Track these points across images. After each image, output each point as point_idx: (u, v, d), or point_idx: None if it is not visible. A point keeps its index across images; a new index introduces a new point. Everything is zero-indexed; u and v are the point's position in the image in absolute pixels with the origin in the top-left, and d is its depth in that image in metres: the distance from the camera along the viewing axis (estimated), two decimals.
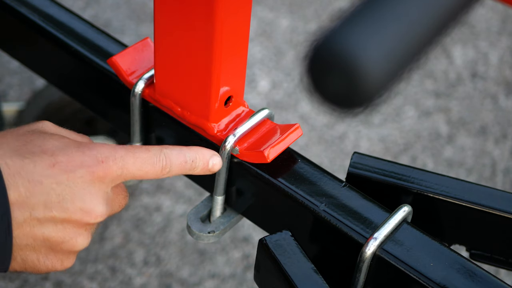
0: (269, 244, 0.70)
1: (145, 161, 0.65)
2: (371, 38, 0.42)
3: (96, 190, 0.62)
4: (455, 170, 1.75)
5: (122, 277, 1.47)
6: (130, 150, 0.65)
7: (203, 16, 0.66)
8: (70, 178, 0.61)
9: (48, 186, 0.60)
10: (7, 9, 0.89)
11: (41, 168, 0.60)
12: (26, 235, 0.60)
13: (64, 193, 0.61)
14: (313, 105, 1.83)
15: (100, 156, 0.62)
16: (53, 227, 0.61)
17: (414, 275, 0.65)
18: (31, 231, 0.60)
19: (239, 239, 1.55)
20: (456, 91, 1.94)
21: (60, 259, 0.64)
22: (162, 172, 0.66)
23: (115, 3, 2.08)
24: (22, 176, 0.59)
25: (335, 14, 1.78)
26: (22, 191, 0.59)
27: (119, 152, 0.64)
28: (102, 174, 0.62)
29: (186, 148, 0.70)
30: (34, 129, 0.64)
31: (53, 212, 0.60)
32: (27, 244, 0.61)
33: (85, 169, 0.61)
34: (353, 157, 0.77)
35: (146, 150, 0.66)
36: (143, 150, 0.66)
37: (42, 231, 0.61)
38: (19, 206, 0.59)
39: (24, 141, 0.61)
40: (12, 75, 1.86)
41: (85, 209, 0.62)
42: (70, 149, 0.62)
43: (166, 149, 0.67)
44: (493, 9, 2.17)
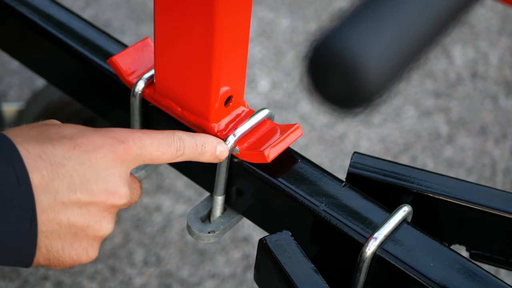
0: (269, 244, 0.70)
1: (161, 141, 0.65)
2: (371, 38, 0.42)
3: (118, 171, 0.62)
4: (455, 170, 1.75)
5: (122, 277, 1.47)
6: (146, 132, 0.65)
7: (203, 16, 0.66)
8: (92, 158, 0.60)
9: (71, 168, 0.59)
10: (7, 9, 0.89)
11: (62, 151, 0.59)
12: (51, 221, 0.59)
13: (87, 175, 0.60)
14: (313, 105, 1.83)
15: (119, 136, 0.62)
16: (78, 211, 0.60)
17: (414, 275, 0.65)
18: (56, 216, 0.59)
19: (239, 239, 1.55)
20: (456, 91, 1.94)
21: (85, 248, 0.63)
22: (176, 154, 0.67)
23: (115, 3, 2.08)
24: (44, 160, 0.58)
25: (335, 14, 1.78)
26: (45, 174, 0.58)
27: (137, 133, 0.64)
28: (123, 154, 0.62)
29: (195, 133, 0.71)
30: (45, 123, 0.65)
31: (77, 195, 0.59)
32: (53, 231, 0.59)
33: (107, 148, 0.61)
34: (353, 157, 0.77)
35: (160, 132, 0.67)
36: (158, 132, 0.66)
37: (67, 216, 0.59)
38: (43, 189, 0.58)
39: (39, 131, 0.61)
40: (12, 75, 1.86)
41: (109, 190, 0.61)
42: (89, 132, 0.62)
43: (178, 132, 0.68)
44: (493, 9, 2.17)
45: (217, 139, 0.72)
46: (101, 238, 0.64)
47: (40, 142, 0.59)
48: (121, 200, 0.62)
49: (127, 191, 0.63)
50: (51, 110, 1.47)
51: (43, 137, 0.60)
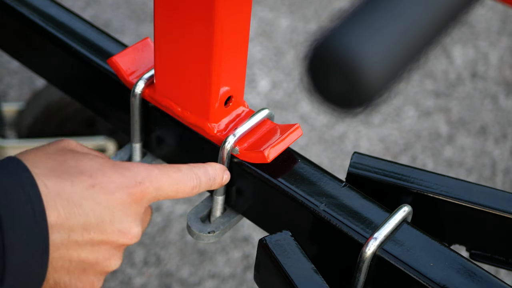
0: (269, 244, 0.70)
1: (178, 181, 0.66)
2: (371, 38, 0.42)
3: (133, 212, 0.62)
4: (455, 170, 1.75)
5: (122, 277, 1.47)
6: (164, 171, 0.65)
7: (203, 16, 0.66)
8: (109, 200, 0.60)
9: (87, 208, 0.59)
10: (7, 9, 0.89)
11: (80, 189, 0.59)
12: (63, 257, 0.60)
13: (103, 215, 0.60)
14: (313, 105, 1.83)
15: (138, 177, 0.62)
16: (90, 249, 0.61)
17: (414, 275, 0.65)
18: (68, 253, 0.60)
19: (239, 239, 1.55)
20: (456, 91, 1.94)
21: (91, 281, 0.64)
22: (192, 191, 0.68)
23: (115, 3, 2.08)
24: (62, 198, 0.58)
25: (335, 14, 1.78)
26: (61, 213, 0.58)
27: (154, 172, 0.64)
28: (140, 196, 0.62)
29: (207, 166, 0.71)
30: (62, 148, 0.64)
31: (91, 234, 0.60)
32: (63, 266, 0.61)
33: (124, 190, 0.61)
34: (353, 157, 0.77)
35: (178, 169, 0.66)
36: (175, 170, 0.66)
37: (79, 253, 0.60)
38: (58, 228, 0.58)
39: (58, 161, 0.60)
40: (12, 75, 1.86)
41: (122, 230, 0.62)
42: (107, 169, 0.61)
43: (195, 168, 0.68)
44: (493, 9, 2.17)
45: (223, 167, 0.73)
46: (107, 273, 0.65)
47: (59, 178, 0.59)
48: (132, 240, 0.63)
49: (139, 231, 0.64)
50: (51, 110, 1.47)
51: (62, 171, 0.60)
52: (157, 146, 0.83)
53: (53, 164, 0.60)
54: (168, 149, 0.83)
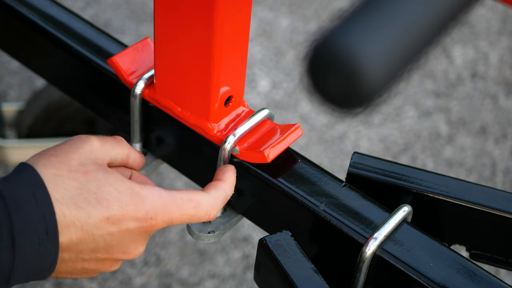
0: (269, 244, 0.70)
1: (191, 217, 0.68)
2: (371, 38, 0.42)
3: (140, 238, 0.67)
4: (455, 170, 1.75)
5: (122, 277, 1.47)
6: (180, 207, 0.67)
7: (203, 16, 0.66)
8: (120, 231, 0.64)
9: (99, 237, 0.63)
10: (7, 9, 0.89)
11: (95, 221, 0.62)
12: (68, 267, 0.65)
13: (112, 242, 0.65)
14: (313, 105, 1.83)
15: (151, 212, 0.65)
16: (94, 263, 0.66)
17: (414, 275, 0.65)
18: (73, 265, 0.65)
19: (239, 239, 1.55)
20: (456, 91, 1.94)
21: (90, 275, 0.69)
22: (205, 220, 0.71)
23: (115, 3, 2.08)
24: (76, 226, 0.62)
25: (335, 14, 1.78)
26: (74, 239, 0.62)
27: (169, 208, 0.66)
28: (149, 229, 0.66)
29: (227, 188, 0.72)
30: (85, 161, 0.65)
31: (97, 255, 0.65)
32: (66, 272, 0.66)
33: (136, 224, 0.65)
34: (353, 157, 0.77)
35: (195, 205, 0.68)
36: (192, 206, 0.68)
37: (83, 265, 0.66)
38: (68, 250, 0.63)
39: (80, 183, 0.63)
40: (12, 75, 1.86)
41: (127, 252, 0.67)
42: (124, 200, 0.64)
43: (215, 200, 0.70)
44: (493, 9, 2.17)
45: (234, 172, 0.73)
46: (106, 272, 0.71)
47: (77, 207, 0.62)
48: (135, 257, 0.68)
49: (142, 251, 0.68)
50: (51, 110, 1.47)
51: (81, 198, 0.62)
52: (157, 146, 0.83)
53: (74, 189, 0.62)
54: (168, 149, 0.83)
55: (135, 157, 0.72)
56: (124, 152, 0.70)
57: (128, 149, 0.71)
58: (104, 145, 0.68)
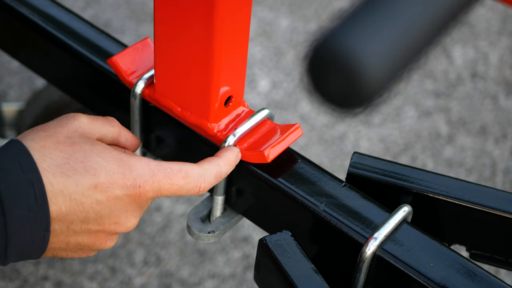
0: (269, 244, 0.70)
1: (180, 188, 0.67)
2: (371, 38, 0.42)
3: (131, 208, 0.66)
4: (455, 170, 1.75)
5: (122, 277, 1.47)
6: (168, 175, 0.67)
7: (203, 16, 0.66)
8: (109, 199, 0.64)
9: (88, 206, 0.63)
10: (7, 9, 0.89)
11: (82, 189, 0.63)
12: (61, 241, 0.65)
13: (102, 212, 0.64)
14: (313, 105, 1.83)
15: (139, 180, 0.65)
16: (87, 236, 0.66)
17: (414, 275, 0.65)
18: (66, 239, 0.65)
19: (239, 239, 1.55)
20: (456, 91, 1.94)
21: (86, 253, 0.69)
22: (198, 193, 0.69)
23: (115, 3, 2.08)
24: (64, 195, 0.62)
25: (335, 14, 1.78)
26: (63, 209, 0.62)
27: (157, 176, 0.66)
28: (138, 198, 0.66)
29: (221, 163, 0.70)
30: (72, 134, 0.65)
31: (89, 226, 0.65)
32: (60, 247, 0.66)
33: (124, 192, 0.65)
34: (353, 157, 0.77)
35: (184, 176, 0.67)
36: (181, 177, 0.67)
37: (76, 239, 0.65)
38: (59, 221, 0.63)
39: (66, 153, 0.63)
40: (12, 75, 1.86)
41: (119, 223, 0.66)
42: (112, 168, 0.64)
43: (206, 173, 0.69)
44: (493, 9, 2.17)
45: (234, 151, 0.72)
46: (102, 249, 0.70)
47: (64, 175, 0.62)
48: (128, 229, 0.68)
49: (135, 222, 0.68)
50: (51, 110, 1.47)
51: (68, 167, 0.62)
52: (157, 146, 0.83)
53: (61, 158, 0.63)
54: (168, 149, 0.83)
55: (127, 136, 0.72)
56: (115, 130, 0.70)
57: (119, 127, 0.71)
58: (93, 122, 0.68)
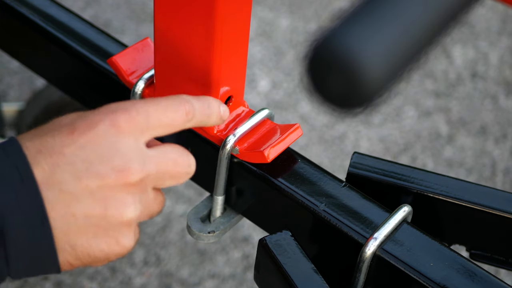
0: (269, 244, 0.70)
1: (167, 106, 0.60)
2: (371, 38, 0.42)
3: (124, 145, 0.57)
4: (455, 170, 1.75)
5: (122, 277, 1.47)
6: (150, 99, 0.60)
7: (203, 16, 0.66)
8: (92, 139, 0.56)
9: (71, 155, 0.55)
10: (7, 9, 0.89)
11: (60, 139, 0.55)
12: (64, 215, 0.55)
13: (90, 157, 0.55)
14: (313, 105, 1.83)
15: (120, 108, 0.57)
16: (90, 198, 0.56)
17: (414, 275, 0.65)
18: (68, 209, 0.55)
19: (239, 239, 1.55)
20: (456, 91, 1.94)
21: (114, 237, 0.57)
22: (187, 117, 0.62)
23: (115, 3, 2.08)
24: (43, 153, 0.55)
25: (335, 14, 1.78)
26: (45, 168, 0.54)
27: (139, 103, 0.59)
28: (127, 125, 0.57)
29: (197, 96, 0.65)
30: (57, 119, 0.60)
31: (84, 181, 0.55)
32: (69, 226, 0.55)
33: (107, 123, 0.56)
34: (353, 157, 0.77)
35: (165, 97, 0.61)
36: (163, 98, 0.61)
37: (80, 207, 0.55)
38: (47, 185, 0.54)
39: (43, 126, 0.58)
40: (12, 75, 1.86)
41: (117, 167, 0.56)
42: (89, 114, 0.57)
43: (184, 95, 0.63)
44: (493, 9, 2.17)
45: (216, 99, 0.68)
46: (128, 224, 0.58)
47: (40, 136, 0.56)
48: (134, 176, 0.57)
49: (138, 166, 0.57)
50: (51, 110, 1.47)
51: (44, 131, 0.57)
52: None
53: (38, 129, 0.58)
54: None
55: None
56: None
57: None
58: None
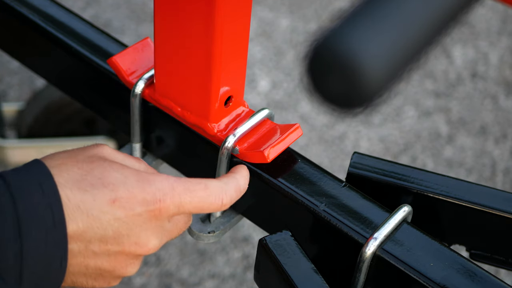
0: (269, 244, 0.70)
1: (202, 200, 0.65)
2: (371, 38, 0.42)
3: (151, 227, 0.63)
4: (455, 170, 1.75)
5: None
6: (189, 188, 0.64)
7: (204, 16, 0.66)
8: (128, 215, 0.62)
9: (106, 223, 0.61)
10: (7, 9, 0.89)
11: (100, 204, 0.60)
12: (80, 264, 0.62)
13: (120, 229, 0.62)
14: (313, 105, 1.83)
15: (159, 194, 0.63)
16: (106, 258, 0.63)
17: (414, 275, 0.65)
18: (84, 261, 0.62)
19: (239, 239, 1.55)
20: (456, 91, 1.94)
21: (108, 282, 0.66)
22: (221, 209, 0.67)
23: (115, 3, 2.08)
24: (82, 211, 0.59)
25: (335, 14, 1.78)
26: (80, 225, 0.59)
27: (177, 190, 0.64)
28: (158, 213, 0.63)
29: (238, 176, 0.69)
30: (93, 155, 0.64)
31: (108, 246, 0.62)
32: (79, 272, 0.63)
33: (144, 207, 0.62)
34: (353, 157, 0.77)
35: (204, 188, 0.65)
36: (202, 188, 0.65)
37: (95, 261, 0.62)
38: (76, 239, 0.60)
39: (84, 170, 0.61)
40: (12, 75, 1.86)
41: (139, 243, 0.63)
42: (131, 183, 0.62)
43: (225, 185, 0.67)
44: (493, 9, 2.17)
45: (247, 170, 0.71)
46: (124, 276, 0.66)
47: (82, 190, 0.60)
48: (149, 251, 0.65)
49: (156, 244, 0.65)
50: (51, 110, 1.47)
51: (86, 182, 0.60)
52: (157, 146, 0.83)
53: (77, 173, 0.61)
54: (168, 149, 0.83)
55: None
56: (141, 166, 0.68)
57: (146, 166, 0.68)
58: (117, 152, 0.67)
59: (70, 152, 0.64)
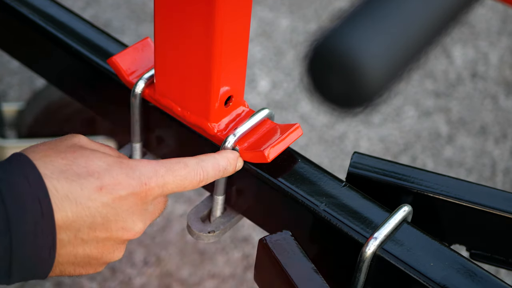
0: (269, 244, 0.70)
1: (184, 178, 0.67)
2: (371, 38, 0.42)
3: (137, 210, 0.65)
4: (455, 170, 1.75)
5: (122, 277, 1.47)
6: (170, 169, 0.67)
7: (204, 16, 0.66)
8: (115, 201, 0.63)
9: (94, 210, 0.62)
10: (7, 9, 0.89)
11: (88, 192, 0.62)
12: (69, 254, 0.63)
13: (108, 215, 0.63)
14: (313, 105, 1.83)
15: (144, 178, 0.65)
16: (95, 245, 0.64)
17: (414, 275, 0.65)
18: (74, 250, 0.63)
19: (239, 239, 1.55)
20: (456, 91, 1.94)
21: (95, 268, 0.68)
22: (199, 184, 0.69)
23: (115, 3, 2.08)
24: (70, 200, 0.61)
25: (335, 14, 1.78)
26: (69, 215, 0.61)
27: (160, 172, 0.66)
28: (144, 196, 0.65)
29: (218, 156, 0.71)
30: (72, 144, 0.66)
31: (96, 233, 0.63)
32: (68, 261, 0.64)
33: (130, 191, 0.64)
34: (353, 157, 0.77)
35: (184, 166, 0.68)
36: (182, 167, 0.68)
37: (84, 249, 0.64)
38: (65, 228, 0.61)
39: (68, 160, 0.63)
40: (12, 75, 1.86)
41: (126, 227, 0.65)
42: (115, 170, 0.64)
43: (202, 162, 0.69)
44: (493, 9, 2.17)
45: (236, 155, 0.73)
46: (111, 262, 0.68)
47: (69, 180, 0.61)
48: (135, 236, 0.67)
49: (142, 227, 0.67)
50: (51, 110, 1.47)
51: (71, 172, 0.62)
52: (157, 145, 0.84)
53: (63, 164, 0.62)
54: (168, 148, 0.83)
55: None
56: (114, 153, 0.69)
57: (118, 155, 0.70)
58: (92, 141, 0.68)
59: (48, 143, 0.65)
